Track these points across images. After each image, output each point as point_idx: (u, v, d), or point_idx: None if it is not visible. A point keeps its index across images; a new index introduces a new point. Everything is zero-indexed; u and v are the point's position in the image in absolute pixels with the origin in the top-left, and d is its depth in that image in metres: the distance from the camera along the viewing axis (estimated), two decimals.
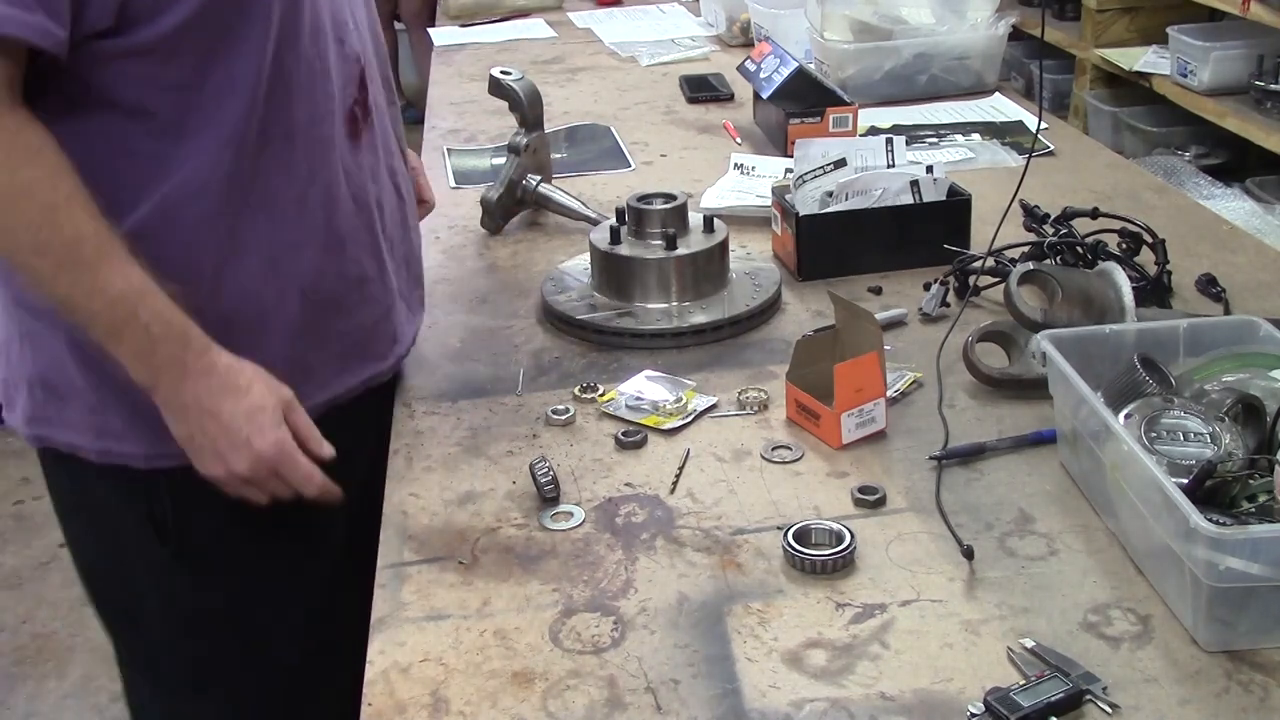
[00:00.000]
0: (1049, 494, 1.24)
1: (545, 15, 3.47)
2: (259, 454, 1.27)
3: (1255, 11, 2.88)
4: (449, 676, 1.04)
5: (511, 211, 1.96)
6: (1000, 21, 2.56)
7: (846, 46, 2.53)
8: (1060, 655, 1.01)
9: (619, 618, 1.09)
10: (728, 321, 1.58)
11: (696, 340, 1.56)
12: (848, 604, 1.09)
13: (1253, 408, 1.20)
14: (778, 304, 1.65)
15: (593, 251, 1.66)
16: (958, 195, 1.76)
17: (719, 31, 3.15)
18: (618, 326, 1.57)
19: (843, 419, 1.32)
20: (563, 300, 1.64)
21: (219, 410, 1.26)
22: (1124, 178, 2.09)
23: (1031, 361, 1.40)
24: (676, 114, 2.56)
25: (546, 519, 1.24)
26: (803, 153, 1.78)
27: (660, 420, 1.39)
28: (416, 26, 5.73)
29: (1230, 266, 1.71)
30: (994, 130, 2.33)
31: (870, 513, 1.22)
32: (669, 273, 1.60)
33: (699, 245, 1.62)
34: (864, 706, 0.98)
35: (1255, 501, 1.10)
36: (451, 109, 2.66)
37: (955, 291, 1.64)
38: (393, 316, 1.47)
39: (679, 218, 1.64)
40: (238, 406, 1.26)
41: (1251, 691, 0.98)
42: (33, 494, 3.45)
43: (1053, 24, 3.85)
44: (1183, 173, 2.88)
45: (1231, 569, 0.97)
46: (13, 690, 2.76)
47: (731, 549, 1.18)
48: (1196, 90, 3.15)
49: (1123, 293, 1.43)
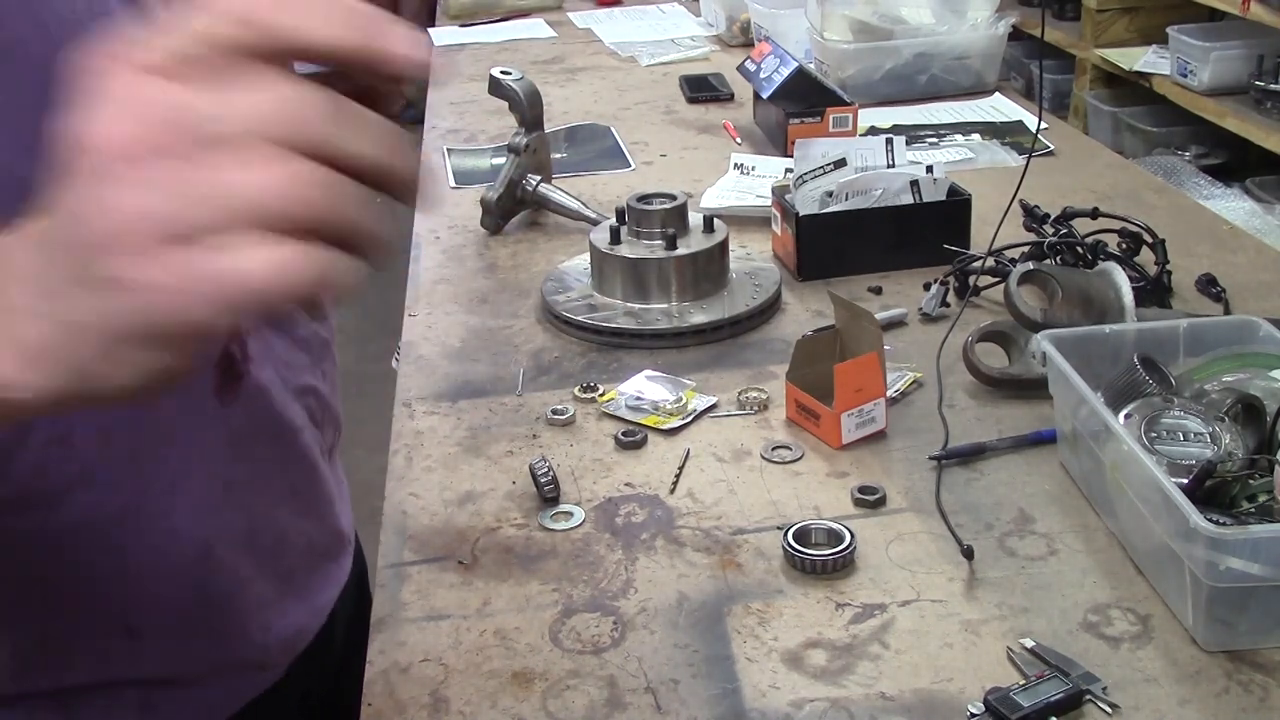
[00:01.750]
0: (1049, 494, 1.24)
1: (545, 15, 3.47)
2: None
3: (1255, 11, 2.88)
4: (449, 676, 1.04)
5: (511, 211, 1.96)
6: (1000, 21, 2.56)
7: (846, 46, 2.53)
8: (1060, 655, 1.01)
9: (619, 618, 1.09)
10: (728, 321, 1.58)
11: (697, 340, 1.57)
12: (848, 604, 1.09)
13: (1253, 408, 1.20)
14: (778, 304, 1.65)
15: (593, 251, 1.66)
16: (958, 195, 1.76)
17: (719, 31, 3.15)
18: (616, 326, 1.58)
19: (843, 419, 1.32)
20: (562, 300, 1.64)
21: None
22: (1124, 178, 2.09)
23: (1031, 361, 1.40)
24: (676, 114, 2.56)
25: (546, 519, 1.24)
26: (803, 153, 1.78)
27: (660, 420, 1.39)
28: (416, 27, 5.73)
29: (1230, 266, 1.71)
30: (994, 130, 2.33)
31: (870, 513, 1.22)
32: (669, 272, 1.60)
33: (699, 245, 1.62)
34: (864, 706, 0.98)
35: (1255, 501, 1.10)
36: (451, 109, 2.66)
37: (955, 291, 1.64)
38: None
39: (679, 218, 1.64)
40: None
41: (1251, 691, 0.98)
42: None
43: (1053, 24, 3.86)
44: (1183, 173, 2.88)
45: (1231, 569, 0.97)
46: None
47: (731, 549, 1.18)
48: (1196, 90, 3.15)
49: (1123, 293, 1.43)
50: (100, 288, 0.51)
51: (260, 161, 0.50)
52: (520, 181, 1.94)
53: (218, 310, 0.51)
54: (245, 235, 0.50)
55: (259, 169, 0.50)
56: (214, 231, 0.50)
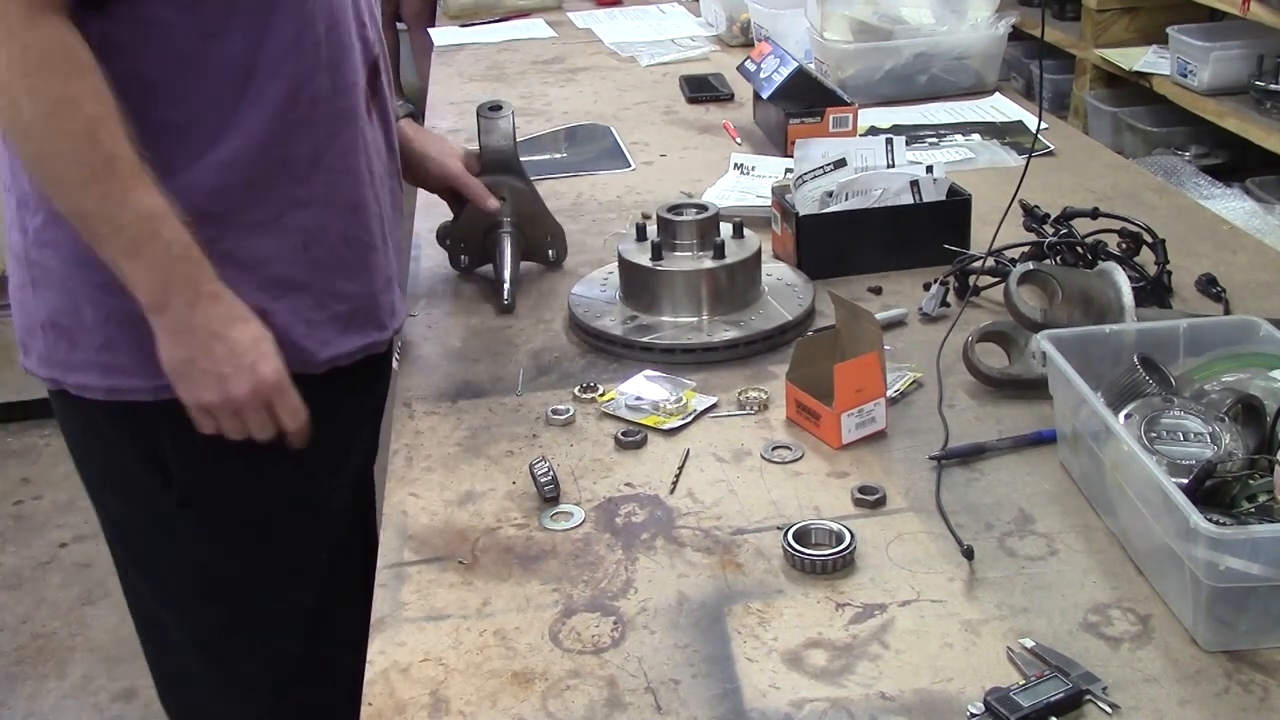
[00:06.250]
0: (1049, 494, 1.24)
1: (545, 15, 3.47)
2: (262, 379, 1.32)
3: (1255, 11, 2.88)
4: (449, 676, 1.04)
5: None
6: (1000, 21, 2.56)
7: (846, 46, 2.53)
8: (1060, 655, 1.01)
9: (619, 618, 1.09)
10: (760, 336, 1.54)
11: (728, 356, 1.52)
12: (848, 604, 1.09)
13: (1253, 408, 1.20)
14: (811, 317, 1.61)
15: (621, 263, 1.62)
16: (958, 195, 1.76)
17: (719, 31, 3.15)
18: (647, 342, 1.53)
19: (843, 419, 1.32)
20: (588, 312, 1.60)
21: (227, 334, 1.30)
22: (1124, 178, 2.09)
23: (1031, 361, 1.40)
24: (676, 114, 2.56)
25: (546, 519, 1.24)
26: (803, 153, 1.78)
27: (660, 420, 1.39)
28: (417, 27, 5.73)
29: (1230, 266, 1.71)
30: (994, 130, 2.33)
31: (870, 513, 1.22)
32: (699, 285, 1.56)
33: (734, 256, 1.57)
34: (864, 706, 0.98)
35: (1255, 501, 1.10)
36: (451, 109, 2.66)
37: (955, 291, 1.64)
38: (393, 288, 1.52)
39: (713, 228, 1.59)
40: (244, 333, 1.31)
41: (1251, 691, 0.98)
42: (33, 494, 3.45)
43: (1053, 24, 3.85)
44: (1183, 173, 2.87)
45: (1231, 569, 0.97)
46: (13, 690, 2.76)
47: (731, 549, 1.18)
48: (1196, 90, 3.14)
49: (1123, 293, 1.43)
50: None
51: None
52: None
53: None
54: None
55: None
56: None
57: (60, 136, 1.21)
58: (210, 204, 1.31)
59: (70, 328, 1.36)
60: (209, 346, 1.29)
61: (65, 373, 1.39)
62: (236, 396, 1.31)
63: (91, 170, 1.22)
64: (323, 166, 1.38)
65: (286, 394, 1.35)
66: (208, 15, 1.26)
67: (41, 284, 1.36)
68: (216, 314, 1.29)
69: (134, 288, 1.27)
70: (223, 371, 1.30)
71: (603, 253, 1.84)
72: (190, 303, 1.28)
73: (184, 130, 1.29)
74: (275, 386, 1.33)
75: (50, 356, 1.39)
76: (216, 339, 1.29)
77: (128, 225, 1.24)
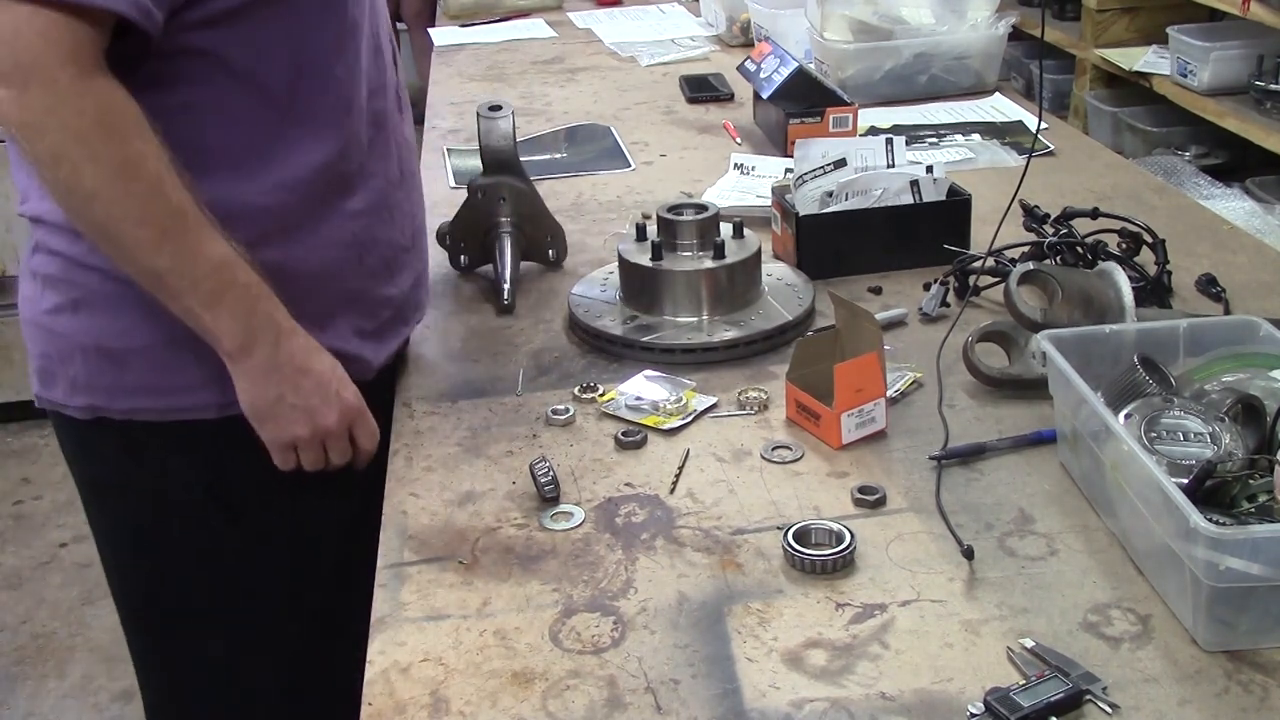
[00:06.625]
0: (1049, 494, 1.24)
1: (545, 15, 3.47)
2: (347, 405, 1.33)
3: (1255, 11, 2.88)
4: (449, 676, 1.04)
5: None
6: (1000, 21, 2.56)
7: (846, 46, 2.53)
8: (1060, 655, 1.01)
9: (619, 618, 1.09)
10: (760, 336, 1.54)
11: (729, 355, 1.52)
12: (848, 604, 1.09)
13: (1253, 408, 1.20)
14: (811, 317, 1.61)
15: (621, 263, 1.62)
16: (957, 195, 1.76)
17: (719, 31, 3.15)
18: (647, 342, 1.53)
19: (843, 419, 1.32)
20: (588, 312, 1.60)
21: (311, 366, 1.30)
22: (1124, 178, 2.09)
23: (1031, 361, 1.40)
24: (676, 114, 2.56)
25: (546, 519, 1.24)
26: (803, 153, 1.78)
27: (660, 420, 1.39)
28: (417, 27, 5.72)
29: (1230, 266, 1.71)
30: (994, 130, 2.33)
31: (870, 513, 1.22)
32: (699, 285, 1.56)
33: (734, 256, 1.57)
34: (864, 706, 0.98)
35: (1255, 501, 1.10)
36: (451, 109, 2.66)
37: (955, 291, 1.64)
38: (423, 283, 1.54)
39: (713, 228, 1.59)
40: (323, 362, 1.32)
41: (1251, 691, 0.98)
42: (32, 494, 3.45)
43: (1053, 24, 3.85)
44: (1183, 173, 2.87)
45: (1231, 569, 0.97)
46: (13, 690, 2.76)
47: (731, 549, 1.18)
48: (1196, 90, 3.14)
49: (1123, 293, 1.43)
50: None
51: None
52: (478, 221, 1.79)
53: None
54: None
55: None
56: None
57: (128, 199, 1.18)
58: (274, 224, 1.30)
59: (120, 350, 1.32)
60: (296, 382, 1.29)
61: (111, 398, 1.35)
62: (326, 426, 1.32)
63: (161, 229, 1.19)
64: (366, 173, 1.38)
65: (366, 417, 1.36)
66: (252, 32, 1.24)
67: (86, 307, 1.32)
68: (298, 348, 1.29)
69: (215, 336, 1.25)
70: (312, 404, 1.30)
71: (603, 253, 1.84)
72: (274, 341, 1.27)
73: (239, 154, 1.27)
74: (358, 411, 1.34)
75: (93, 382, 1.34)
76: (302, 373, 1.29)
77: (204, 277, 1.22)
